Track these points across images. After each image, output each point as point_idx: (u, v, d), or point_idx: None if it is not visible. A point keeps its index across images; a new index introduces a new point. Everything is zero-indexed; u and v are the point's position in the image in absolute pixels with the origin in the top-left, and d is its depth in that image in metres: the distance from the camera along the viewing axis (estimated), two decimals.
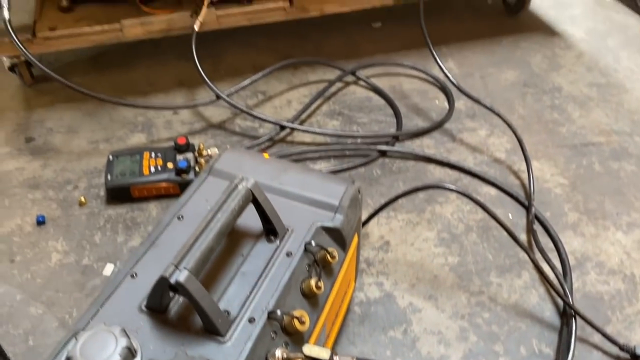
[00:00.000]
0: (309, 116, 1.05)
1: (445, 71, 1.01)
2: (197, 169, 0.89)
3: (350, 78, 1.14)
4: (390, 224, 0.85)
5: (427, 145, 0.99)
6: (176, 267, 0.46)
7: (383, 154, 0.96)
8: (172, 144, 0.92)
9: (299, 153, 0.95)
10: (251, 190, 0.53)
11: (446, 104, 1.08)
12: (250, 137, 1.00)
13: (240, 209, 0.52)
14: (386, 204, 0.76)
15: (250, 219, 0.56)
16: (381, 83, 1.12)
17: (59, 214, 0.87)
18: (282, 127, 0.98)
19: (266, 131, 1.01)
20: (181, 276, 0.46)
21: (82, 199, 0.88)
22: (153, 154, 0.90)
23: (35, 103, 1.09)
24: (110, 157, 0.90)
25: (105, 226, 0.85)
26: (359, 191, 0.64)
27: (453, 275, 0.78)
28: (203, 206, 0.59)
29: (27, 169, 0.95)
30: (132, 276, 0.53)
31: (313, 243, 0.56)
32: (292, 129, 0.99)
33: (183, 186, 0.88)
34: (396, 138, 0.99)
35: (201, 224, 0.50)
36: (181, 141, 0.91)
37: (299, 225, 0.58)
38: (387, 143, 0.98)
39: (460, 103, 1.08)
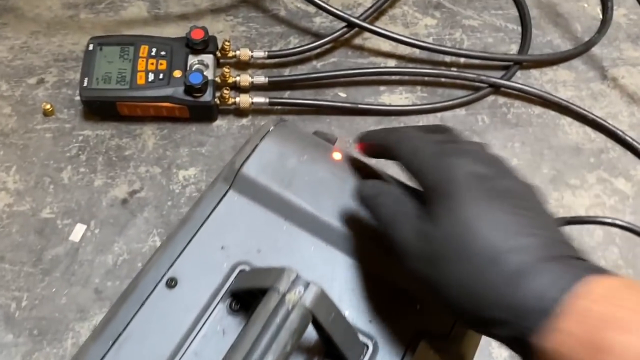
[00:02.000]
0: (392, 4, 0.70)
1: None
2: (217, 80, 0.59)
3: None
4: None
5: (562, 82, 0.66)
6: None
7: (496, 88, 0.64)
8: (183, 35, 0.60)
9: (367, 73, 0.63)
10: (312, 313, 0.25)
11: (599, 11, 0.71)
12: (301, 30, 0.67)
13: (290, 348, 0.25)
14: None
15: None
16: None
17: (12, 126, 0.59)
18: (349, 25, 0.64)
19: (324, 21, 0.68)
20: None
21: (48, 106, 0.59)
22: (154, 50, 0.59)
23: None
24: (91, 45, 0.59)
25: (78, 156, 0.58)
26: None
27: None
28: (215, 260, 0.32)
29: None
30: None
31: None
32: (362, 28, 0.65)
33: (195, 110, 0.59)
34: (519, 64, 0.66)
35: None
36: (197, 35, 0.59)
37: (388, 330, 0.31)
38: (505, 70, 0.65)
39: (620, 13, 0.71)
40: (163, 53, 0.59)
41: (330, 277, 0.32)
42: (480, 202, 0.29)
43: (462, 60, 0.66)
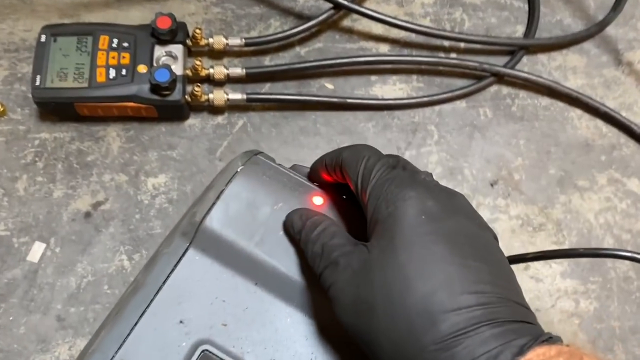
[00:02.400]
0: None
1: None
2: (189, 73, 0.53)
3: None
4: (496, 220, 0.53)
5: (572, 68, 0.59)
6: None
7: (500, 77, 0.57)
8: (149, 21, 0.53)
9: (357, 63, 0.56)
10: None
11: None
12: (282, 10, 0.60)
13: None
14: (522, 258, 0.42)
15: None
16: None
17: None
18: (337, 7, 0.57)
19: (309, 0, 0.61)
20: None
21: None
22: (115, 41, 0.52)
23: None
24: (43, 36, 0.52)
25: (34, 163, 0.52)
26: None
27: (583, 337, 0.49)
28: (172, 338, 0.27)
29: None
30: None
31: None
32: (350, 10, 0.58)
33: (163, 110, 0.52)
34: (525, 49, 0.59)
35: None
36: (163, 24, 0.52)
37: None
38: (509, 55, 0.59)
39: None
40: (126, 44, 0.52)
41: (309, 356, 0.27)
42: (425, 247, 0.26)
43: (462, 45, 0.59)
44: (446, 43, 0.59)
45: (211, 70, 0.54)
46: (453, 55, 0.59)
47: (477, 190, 0.53)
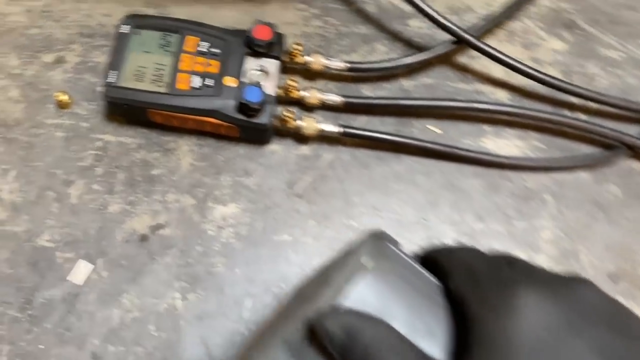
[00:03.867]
0: (511, 14, 0.54)
1: None
2: (276, 94, 0.46)
3: None
4: None
5: None
6: None
7: (634, 151, 0.49)
8: (242, 18, 0.46)
9: (470, 109, 0.48)
10: None
11: None
12: (390, 34, 0.52)
13: None
14: None
15: None
16: None
17: (18, 115, 0.47)
18: (458, 40, 0.49)
19: (422, 26, 0.53)
20: None
21: (65, 97, 0.47)
22: (205, 45, 0.45)
23: None
24: (127, 27, 0.46)
25: (93, 168, 0.46)
26: None
27: None
28: None
29: None
30: None
31: None
32: (471, 46, 0.50)
33: (246, 131, 0.45)
34: None
35: None
36: (262, 34, 0.45)
37: None
38: None
39: None
40: (216, 50, 0.45)
41: None
42: None
43: (593, 104, 0.51)
44: (574, 99, 0.51)
45: (305, 93, 0.47)
46: (580, 114, 0.51)
47: (594, 282, 0.45)
